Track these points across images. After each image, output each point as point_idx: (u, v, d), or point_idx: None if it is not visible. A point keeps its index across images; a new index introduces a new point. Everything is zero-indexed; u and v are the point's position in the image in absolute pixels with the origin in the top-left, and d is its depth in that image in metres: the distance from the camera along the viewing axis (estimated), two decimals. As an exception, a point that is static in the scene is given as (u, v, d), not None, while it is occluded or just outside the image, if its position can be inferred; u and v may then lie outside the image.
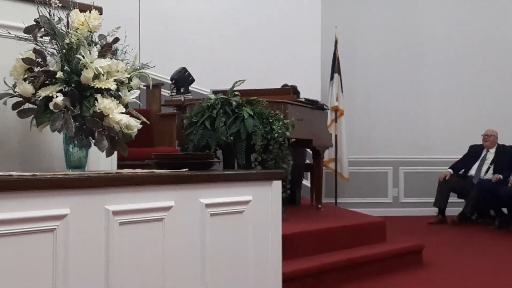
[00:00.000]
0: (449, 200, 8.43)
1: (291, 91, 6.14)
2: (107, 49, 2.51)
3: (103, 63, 2.40)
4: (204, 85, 7.16)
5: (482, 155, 8.51)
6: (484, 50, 9.54)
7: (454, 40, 9.56)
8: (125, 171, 2.46)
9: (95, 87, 2.38)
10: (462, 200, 8.45)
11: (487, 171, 8.29)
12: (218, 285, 2.56)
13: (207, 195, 2.54)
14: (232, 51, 8.22)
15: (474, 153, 8.62)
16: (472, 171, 8.43)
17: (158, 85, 6.00)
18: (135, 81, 2.59)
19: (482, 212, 8.29)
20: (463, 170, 8.58)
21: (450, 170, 8.57)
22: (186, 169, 2.66)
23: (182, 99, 5.90)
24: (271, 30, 8.53)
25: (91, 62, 2.37)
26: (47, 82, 2.37)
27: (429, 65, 9.61)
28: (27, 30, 2.44)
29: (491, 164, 8.34)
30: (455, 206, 8.47)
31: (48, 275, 1.95)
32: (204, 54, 7.96)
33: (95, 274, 2.09)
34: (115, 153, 2.68)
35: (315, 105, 6.15)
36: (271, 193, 2.84)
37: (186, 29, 8.09)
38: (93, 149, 2.54)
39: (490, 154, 8.48)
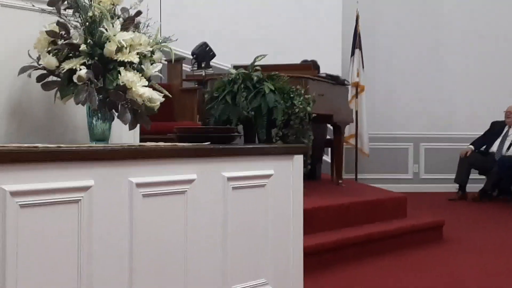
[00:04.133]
0: (469, 177, 8.39)
1: (311, 66, 6.12)
2: (130, 22, 2.51)
3: (126, 36, 2.40)
4: (224, 60, 7.13)
5: (504, 131, 8.44)
6: (507, 26, 9.42)
7: (476, 15, 9.43)
8: (148, 144, 2.48)
9: (118, 60, 2.39)
10: (483, 177, 8.41)
11: (509, 148, 8.22)
12: (239, 257, 2.58)
13: (229, 169, 2.55)
14: (253, 26, 8.18)
15: (496, 129, 8.55)
16: (494, 148, 8.36)
17: (179, 59, 6.00)
18: (157, 55, 2.59)
19: (503, 188, 8.24)
20: (484, 147, 8.52)
21: (471, 147, 8.51)
22: (208, 143, 2.67)
23: (203, 74, 5.90)
24: (292, 6, 8.47)
25: (114, 35, 2.38)
26: (71, 55, 2.38)
27: (451, 41, 9.50)
28: (51, 3, 2.45)
29: (513, 140, 8.28)
30: (476, 182, 8.42)
31: (73, 244, 1.98)
32: (225, 29, 7.94)
33: (118, 244, 2.12)
34: (138, 126, 2.69)
35: (336, 81, 6.12)
36: (292, 167, 2.84)
37: (207, 3, 8.06)
38: (116, 123, 2.55)
39: (513, 131, 8.41)
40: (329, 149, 7.45)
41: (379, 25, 9.47)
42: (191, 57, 6.11)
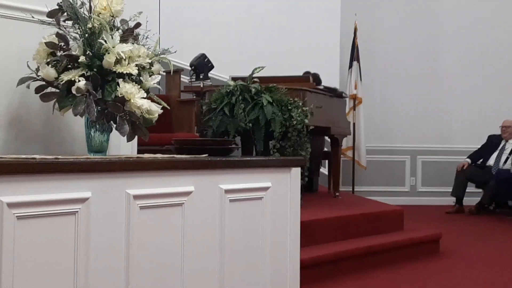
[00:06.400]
0: (466, 190, 8.39)
1: (310, 78, 6.13)
2: (129, 34, 2.52)
3: (125, 48, 2.41)
4: (223, 71, 7.16)
5: (501, 145, 8.46)
6: (504, 39, 9.46)
7: (473, 29, 9.48)
8: (146, 156, 2.48)
9: (117, 71, 2.38)
10: (480, 190, 8.42)
11: (505, 162, 8.24)
12: (236, 270, 2.58)
13: (227, 181, 2.54)
14: (251, 38, 8.21)
15: (493, 143, 8.57)
16: (491, 161, 8.38)
17: (177, 71, 6.01)
18: (156, 66, 2.59)
19: (500, 202, 8.25)
20: (481, 160, 8.53)
21: (468, 160, 8.53)
22: (206, 155, 2.67)
23: (201, 85, 5.92)
24: (291, 18, 8.51)
25: (113, 47, 2.38)
26: (70, 66, 2.38)
27: (448, 54, 9.54)
28: (50, 14, 2.45)
29: (510, 154, 8.28)
30: (473, 196, 8.43)
31: (70, 257, 1.97)
32: (223, 41, 7.97)
33: (115, 257, 2.11)
34: (136, 138, 2.69)
35: (333, 93, 6.14)
36: (290, 180, 2.84)
37: (205, 15, 8.09)
38: (114, 134, 2.55)
39: (509, 145, 8.42)
40: (326, 161, 7.45)
41: (377, 38, 9.51)
42: (190, 68, 6.13)
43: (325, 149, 7.38)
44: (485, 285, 4.25)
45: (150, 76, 2.54)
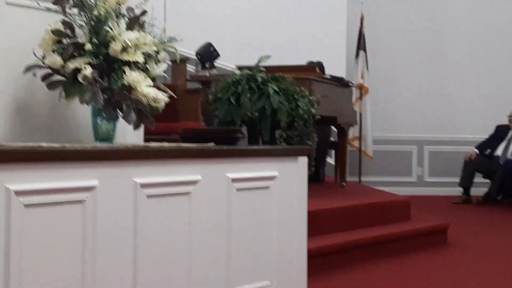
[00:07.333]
0: (474, 180, 8.36)
1: (316, 68, 6.10)
2: (135, 22, 2.50)
3: (131, 36, 2.39)
4: (229, 60, 7.12)
5: (509, 135, 8.40)
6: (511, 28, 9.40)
7: (480, 17, 9.40)
8: (153, 144, 2.47)
9: (123, 59, 2.37)
10: (487, 181, 8.37)
11: (514, 152, 8.21)
12: (242, 259, 2.57)
13: (234, 170, 2.54)
14: (257, 27, 8.17)
15: (501, 133, 8.51)
16: (499, 152, 8.33)
17: (183, 60, 5.99)
18: (162, 55, 2.58)
19: (508, 192, 8.21)
20: (489, 150, 8.48)
21: (476, 150, 8.49)
22: (212, 144, 2.66)
23: (207, 75, 5.89)
24: (297, 6, 8.46)
25: (119, 35, 2.37)
26: (76, 54, 2.37)
27: (455, 43, 9.48)
28: (56, 1, 2.43)
29: (518, 144, 8.26)
30: (480, 186, 8.39)
31: (77, 245, 1.97)
32: (229, 30, 7.93)
33: (123, 245, 2.11)
34: (142, 126, 2.68)
35: (340, 82, 6.10)
36: (297, 169, 2.83)
37: (211, 4, 8.05)
38: (120, 123, 2.54)
39: (517, 135, 8.38)
40: (333, 151, 7.43)
41: (383, 27, 9.45)
42: (195, 57, 6.11)
43: (332, 139, 7.36)
44: (492, 275, 4.23)
45: (156, 64, 2.53)
